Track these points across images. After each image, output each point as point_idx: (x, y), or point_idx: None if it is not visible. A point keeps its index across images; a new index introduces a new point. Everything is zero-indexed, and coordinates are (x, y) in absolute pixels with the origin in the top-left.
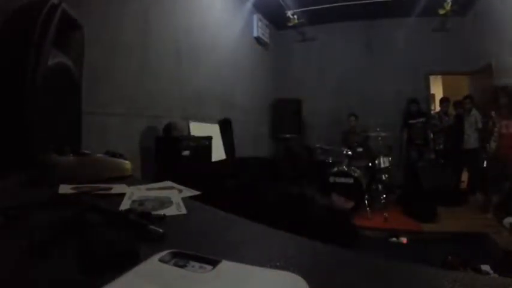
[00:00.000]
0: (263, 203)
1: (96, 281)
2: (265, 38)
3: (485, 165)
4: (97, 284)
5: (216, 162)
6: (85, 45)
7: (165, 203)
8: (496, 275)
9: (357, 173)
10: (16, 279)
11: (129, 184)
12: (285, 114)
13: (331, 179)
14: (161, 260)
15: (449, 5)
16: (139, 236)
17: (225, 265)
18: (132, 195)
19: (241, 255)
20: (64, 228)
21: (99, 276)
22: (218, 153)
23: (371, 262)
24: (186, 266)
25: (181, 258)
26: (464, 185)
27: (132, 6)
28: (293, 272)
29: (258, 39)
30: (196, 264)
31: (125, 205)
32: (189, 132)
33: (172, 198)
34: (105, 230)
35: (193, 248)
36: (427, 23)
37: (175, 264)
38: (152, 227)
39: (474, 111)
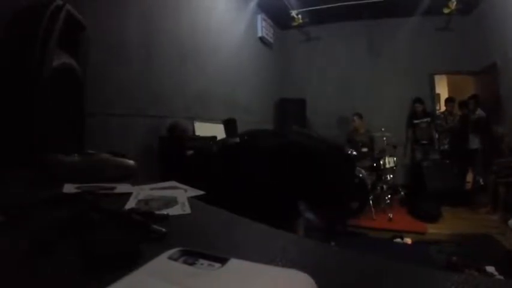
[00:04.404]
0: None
1: (98, 280)
2: (269, 38)
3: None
4: (100, 282)
5: None
6: (89, 45)
7: (170, 202)
8: (501, 277)
9: (362, 173)
10: (19, 278)
11: (133, 184)
12: (289, 114)
13: None
14: (170, 258)
15: (454, 3)
16: (142, 235)
17: (234, 263)
18: (138, 194)
19: (244, 255)
20: (67, 228)
21: (101, 274)
22: None
23: (375, 263)
24: (195, 263)
25: (190, 256)
26: (469, 186)
27: (135, 7)
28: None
29: (262, 39)
30: (205, 262)
31: (130, 204)
32: (193, 132)
33: (178, 198)
34: (108, 229)
35: (196, 248)
36: (431, 22)
37: (185, 262)
38: (155, 226)
39: (479, 111)
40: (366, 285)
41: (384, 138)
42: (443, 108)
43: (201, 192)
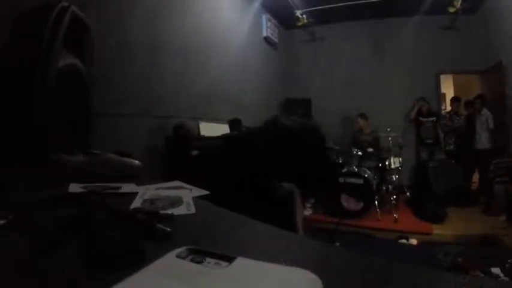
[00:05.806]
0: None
1: (102, 280)
2: (274, 38)
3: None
4: (104, 283)
5: None
6: (94, 46)
7: (176, 202)
8: (506, 278)
9: (367, 173)
10: (24, 277)
11: (138, 183)
12: (295, 114)
13: (341, 180)
14: (178, 256)
15: (459, 2)
16: (147, 235)
17: (241, 261)
18: (144, 194)
19: (248, 254)
20: (71, 228)
21: (105, 275)
22: None
23: (379, 263)
24: (202, 262)
25: (197, 255)
26: (475, 186)
27: (140, 7)
28: None
29: (266, 39)
30: (212, 261)
31: (136, 204)
32: (198, 132)
33: (183, 197)
34: (112, 229)
35: (201, 247)
36: (436, 21)
37: (192, 260)
38: (159, 226)
39: (485, 111)
40: (370, 285)
41: (390, 138)
42: (448, 107)
43: (206, 192)
